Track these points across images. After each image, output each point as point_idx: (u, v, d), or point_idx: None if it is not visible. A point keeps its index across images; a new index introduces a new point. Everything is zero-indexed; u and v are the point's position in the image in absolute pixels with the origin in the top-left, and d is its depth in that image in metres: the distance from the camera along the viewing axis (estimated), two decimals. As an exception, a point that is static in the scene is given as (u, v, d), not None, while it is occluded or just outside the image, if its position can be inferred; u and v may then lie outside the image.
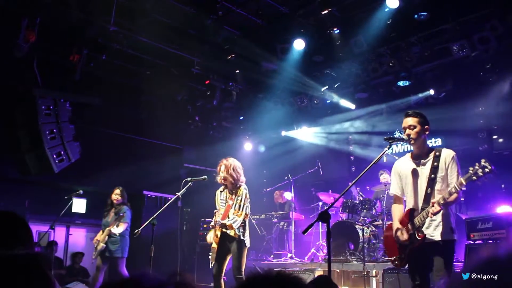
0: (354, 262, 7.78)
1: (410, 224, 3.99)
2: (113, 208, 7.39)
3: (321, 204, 9.72)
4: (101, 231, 7.31)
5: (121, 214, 7.12)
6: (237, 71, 9.86)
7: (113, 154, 9.47)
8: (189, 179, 5.71)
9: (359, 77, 9.50)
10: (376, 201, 8.76)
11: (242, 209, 5.53)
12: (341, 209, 9.03)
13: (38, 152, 7.94)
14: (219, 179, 5.75)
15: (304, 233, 3.73)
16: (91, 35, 8.04)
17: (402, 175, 4.25)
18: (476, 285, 0.80)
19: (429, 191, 3.93)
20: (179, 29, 8.58)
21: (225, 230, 5.50)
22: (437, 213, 3.82)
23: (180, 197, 5.69)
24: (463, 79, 9.11)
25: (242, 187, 5.66)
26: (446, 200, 3.76)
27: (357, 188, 9.33)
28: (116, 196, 7.41)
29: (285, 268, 8.35)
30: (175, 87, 9.91)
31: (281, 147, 12.02)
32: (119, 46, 8.39)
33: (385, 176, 9.01)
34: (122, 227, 7.11)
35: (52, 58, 8.22)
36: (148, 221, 5.41)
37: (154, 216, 5.37)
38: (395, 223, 4.19)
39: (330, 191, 9.73)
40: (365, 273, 7.04)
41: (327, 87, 9.97)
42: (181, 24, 8.47)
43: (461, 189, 3.76)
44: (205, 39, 8.84)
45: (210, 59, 9.43)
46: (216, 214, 5.78)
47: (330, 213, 3.55)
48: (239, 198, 5.58)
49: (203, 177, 5.85)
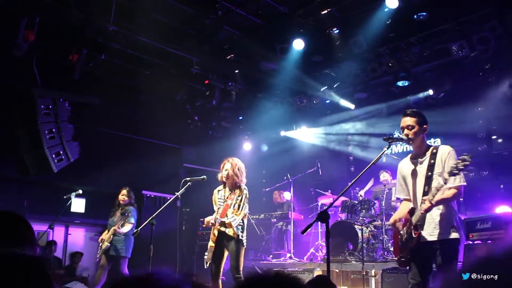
0: (353, 262, 7.78)
1: (409, 222, 4.00)
2: (120, 208, 7.42)
3: (320, 204, 9.71)
4: (106, 230, 7.34)
5: (127, 214, 7.15)
6: (237, 71, 9.86)
7: (112, 153, 9.46)
8: (188, 179, 5.71)
9: (358, 77, 9.50)
10: (375, 201, 8.77)
11: (241, 209, 5.53)
12: (340, 209, 9.03)
13: (37, 151, 7.93)
14: (221, 176, 5.75)
15: (303, 233, 3.73)
16: (90, 35, 8.03)
17: (404, 176, 4.25)
18: (476, 285, 0.79)
19: (426, 188, 3.93)
20: (179, 29, 8.59)
21: (223, 229, 5.50)
22: (428, 210, 3.82)
23: (179, 197, 5.68)
24: (462, 80, 9.12)
25: (242, 187, 5.67)
26: (434, 196, 3.76)
27: (357, 188, 9.31)
28: (123, 196, 7.44)
29: (284, 268, 8.36)
30: (174, 87, 9.90)
31: (280, 147, 12.02)
32: (118, 45, 8.39)
33: (384, 175, 9.01)
34: (127, 227, 7.12)
35: (51, 57, 8.21)
36: (147, 221, 5.41)
37: (153, 216, 5.37)
38: (394, 215, 4.24)
39: (329, 191, 9.74)
40: (364, 273, 7.05)
41: (326, 87, 9.97)
42: (180, 24, 8.47)
43: (454, 185, 3.78)
44: (205, 39, 8.84)
45: (209, 59, 9.42)
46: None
47: (329, 213, 3.55)
48: (239, 198, 5.58)
49: (202, 177, 5.84)
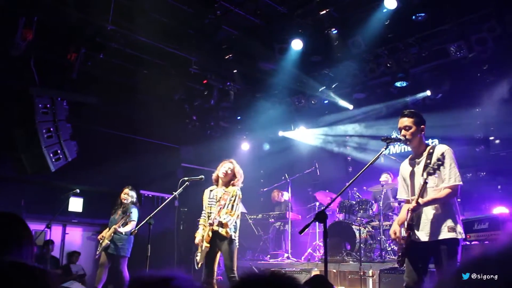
0: (350, 262, 7.78)
1: (405, 223, 4.01)
2: (122, 207, 7.41)
3: (318, 204, 9.71)
4: (107, 228, 7.33)
5: (128, 213, 7.15)
6: (235, 71, 9.86)
7: (110, 153, 9.45)
8: (186, 179, 5.71)
9: (356, 78, 9.50)
10: (373, 202, 8.77)
11: (234, 210, 5.58)
12: (338, 209, 9.03)
13: (34, 151, 7.91)
14: (216, 174, 5.79)
15: (300, 233, 3.73)
16: (88, 34, 8.02)
17: (404, 177, 4.26)
18: (476, 285, 0.79)
19: (422, 189, 3.93)
20: (177, 28, 8.58)
21: (216, 228, 5.51)
22: (414, 210, 3.87)
23: (177, 196, 5.70)
24: (460, 80, 9.13)
25: (236, 188, 5.71)
26: (420, 196, 3.81)
27: (355, 188, 9.31)
28: (125, 195, 7.45)
29: (282, 268, 8.36)
30: (172, 86, 9.89)
31: (279, 147, 12.03)
32: (116, 45, 8.38)
33: (386, 176, 9.01)
34: (129, 226, 7.12)
35: (49, 56, 8.20)
36: (145, 221, 5.43)
37: (151, 215, 5.38)
38: (394, 222, 4.25)
39: (327, 191, 9.73)
40: (362, 274, 7.05)
41: (324, 87, 9.98)
42: (179, 23, 8.46)
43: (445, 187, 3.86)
44: (203, 38, 8.83)
45: (208, 59, 9.42)
46: (205, 214, 5.80)
47: (327, 213, 3.54)
48: (233, 198, 5.62)
49: (200, 177, 5.85)
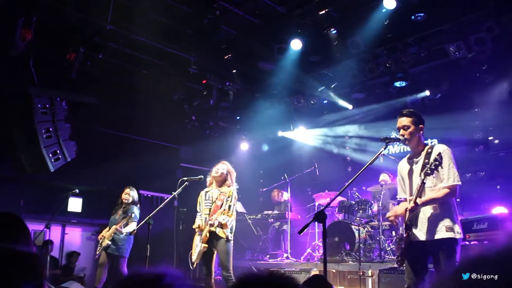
0: (350, 262, 7.78)
1: (404, 222, 4.01)
2: (122, 207, 7.41)
3: (317, 204, 9.71)
4: (107, 228, 7.32)
5: (130, 214, 7.14)
6: (234, 71, 9.85)
7: (109, 153, 9.44)
8: (185, 179, 5.71)
9: (356, 78, 9.51)
10: (372, 202, 8.76)
11: (231, 210, 5.61)
12: (337, 209, 9.03)
13: (34, 151, 7.91)
14: (214, 173, 5.81)
15: (300, 233, 3.73)
16: (88, 34, 8.02)
17: (402, 177, 4.26)
18: (476, 285, 0.79)
19: (420, 189, 3.93)
20: (176, 28, 8.58)
21: (214, 229, 5.52)
22: (412, 210, 3.86)
23: (176, 196, 5.69)
24: (459, 81, 9.14)
25: (232, 188, 5.74)
26: (418, 196, 3.80)
27: (354, 188, 9.30)
28: (126, 195, 7.44)
29: (281, 268, 8.35)
30: (172, 86, 9.88)
31: (278, 147, 12.02)
32: (116, 45, 8.38)
33: (384, 176, 9.00)
34: (131, 226, 7.11)
35: (48, 56, 8.20)
36: (144, 221, 5.42)
37: (150, 215, 5.37)
38: (393, 210, 4.25)
39: (326, 191, 9.72)
40: (361, 274, 7.05)
41: (324, 87, 9.98)
42: (178, 23, 8.46)
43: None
44: (202, 38, 8.83)
45: (207, 59, 9.42)
46: (201, 216, 5.80)
47: (326, 213, 3.54)
48: (229, 199, 5.65)
49: (199, 177, 5.85)
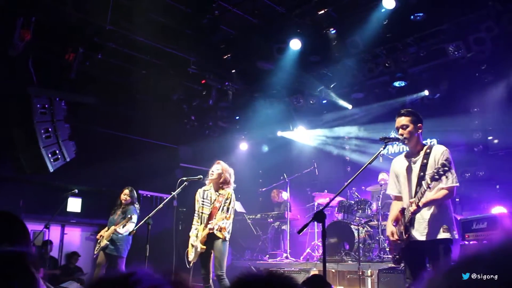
0: (349, 262, 7.79)
1: (400, 222, 4.00)
2: (121, 207, 7.40)
3: (316, 204, 9.71)
4: (106, 228, 7.31)
5: (129, 215, 7.14)
6: (233, 71, 9.85)
7: (108, 153, 9.43)
8: (184, 179, 5.70)
9: (355, 77, 9.51)
10: (371, 202, 8.76)
11: (230, 212, 5.64)
12: (336, 209, 9.03)
13: (33, 151, 7.91)
14: (209, 175, 5.82)
15: (299, 233, 3.74)
16: (87, 34, 8.01)
17: (397, 174, 4.25)
18: (476, 285, 0.79)
19: (418, 189, 3.92)
20: (175, 28, 8.57)
21: (211, 230, 5.53)
22: (415, 212, 3.84)
23: (175, 196, 5.69)
24: (458, 80, 9.14)
25: (230, 190, 5.75)
26: (420, 199, 3.79)
27: (353, 188, 9.30)
28: (124, 196, 7.42)
29: (280, 268, 8.35)
30: (171, 86, 9.88)
31: (277, 147, 12.02)
32: (115, 45, 8.38)
33: (383, 175, 8.99)
34: (129, 227, 7.10)
35: (47, 56, 8.19)
36: (143, 221, 5.41)
37: (149, 215, 5.37)
38: (388, 222, 4.21)
39: (325, 192, 9.73)
40: (360, 273, 7.06)
41: (323, 87, 9.98)
42: (177, 23, 8.45)
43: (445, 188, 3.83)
44: (201, 38, 8.82)
45: (206, 59, 9.42)
46: (198, 214, 5.80)
47: (325, 213, 3.54)
48: (228, 201, 5.67)
49: (198, 177, 5.85)
